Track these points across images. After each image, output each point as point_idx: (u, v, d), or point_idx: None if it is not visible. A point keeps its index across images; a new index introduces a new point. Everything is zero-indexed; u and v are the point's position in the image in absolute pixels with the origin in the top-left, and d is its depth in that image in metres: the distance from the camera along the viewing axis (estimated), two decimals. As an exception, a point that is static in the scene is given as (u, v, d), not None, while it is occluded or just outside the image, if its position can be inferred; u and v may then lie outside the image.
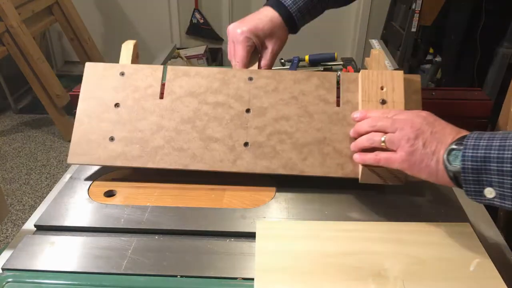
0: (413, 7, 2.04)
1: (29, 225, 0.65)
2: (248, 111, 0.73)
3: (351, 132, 0.68)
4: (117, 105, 0.74)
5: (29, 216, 0.68)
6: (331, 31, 2.99)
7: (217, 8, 3.03)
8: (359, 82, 0.72)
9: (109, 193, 0.71)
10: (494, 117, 0.88)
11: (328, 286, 0.52)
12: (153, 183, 0.72)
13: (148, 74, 0.76)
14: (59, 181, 0.76)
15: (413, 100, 0.72)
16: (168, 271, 0.56)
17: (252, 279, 0.53)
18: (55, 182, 1.51)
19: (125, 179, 0.73)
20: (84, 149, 0.72)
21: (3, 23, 2.20)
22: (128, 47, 0.80)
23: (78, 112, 0.74)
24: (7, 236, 1.85)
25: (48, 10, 2.66)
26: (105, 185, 0.72)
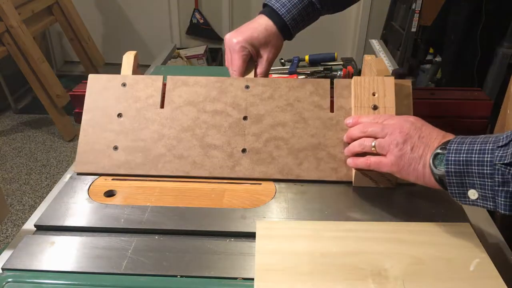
0: (413, 7, 2.04)
1: (29, 225, 0.65)
2: (245, 118, 0.75)
3: (344, 138, 0.71)
4: (119, 115, 0.76)
5: (29, 216, 0.68)
6: (331, 31, 2.99)
7: (217, 8, 3.03)
8: (352, 88, 0.73)
9: (109, 193, 0.71)
10: (494, 117, 0.88)
11: (328, 286, 0.52)
12: (153, 183, 0.73)
13: (149, 84, 0.78)
14: (59, 181, 0.77)
15: (404, 105, 0.74)
16: (168, 271, 0.56)
17: (252, 279, 0.53)
18: (55, 182, 1.51)
19: (125, 179, 0.73)
20: (89, 158, 0.75)
21: (3, 23, 2.20)
22: (129, 58, 0.82)
23: (83, 122, 0.77)
24: (7, 236, 1.86)
25: (48, 10, 2.67)
26: (105, 185, 0.72)
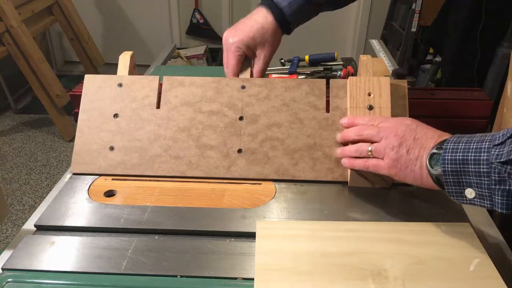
0: (413, 7, 2.04)
1: (29, 225, 0.65)
2: (241, 118, 0.75)
3: (339, 139, 0.71)
4: (116, 115, 0.76)
5: (29, 216, 0.68)
6: (331, 31, 2.99)
7: (217, 8, 3.03)
8: (347, 89, 0.74)
9: (109, 193, 0.71)
10: (494, 117, 0.88)
11: (328, 286, 0.52)
12: (153, 183, 0.73)
13: (145, 84, 0.78)
14: (59, 181, 0.77)
15: (400, 105, 0.74)
16: (168, 271, 0.56)
17: (252, 279, 0.53)
18: (55, 182, 1.51)
19: (125, 179, 0.73)
20: (85, 159, 0.75)
21: (3, 23, 2.20)
22: (125, 58, 0.82)
23: (79, 123, 0.77)
24: (7, 236, 1.86)
25: (48, 10, 2.67)
26: (105, 185, 0.72)
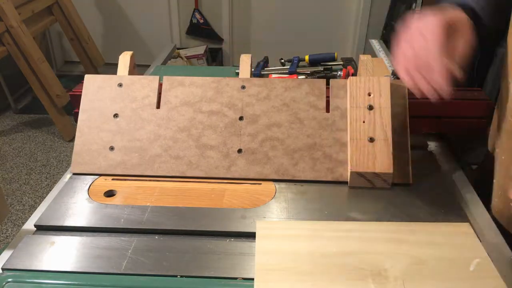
0: (413, 7, 2.04)
1: (29, 225, 0.65)
2: (241, 118, 0.75)
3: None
4: (116, 115, 0.76)
5: (29, 216, 0.68)
6: (331, 31, 2.99)
7: (217, 8, 3.03)
8: (347, 89, 0.74)
9: (109, 193, 0.71)
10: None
11: (328, 286, 0.52)
12: (153, 183, 0.73)
13: (145, 84, 0.78)
14: (59, 181, 0.77)
15: (400, 105, 0.75)
16: (168, 271, 0.56)
17: (252, 279, 0.53)
18: (55, 182, 1.51)
19: (125, 179, 0.73)
20: (85, 158, 0.75)
21: (3, 23, 2.20)
22: (125, 58, 0.82)
23: (79, 123, 0.77)
24: (7, 236, 1.85)
25: (48, 10, 2.67)
26: (105, 185, 0.72)
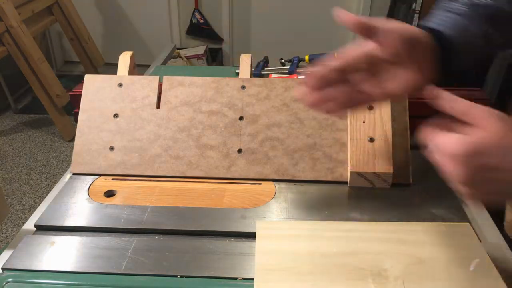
0: (413, 7, 2.04)
1: (29, 225, 0.65)
2: (241, 118, 0.75)
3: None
4: (116, 115, 0.76)
5: (29, 216, 0.68)
6: (331, 31, 2.99)
7: (217, 8, 3.03)
8: None
9: (109, 193, 0.71)
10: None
11: (328, 286, 0.52)
12: (153, 183, 0.73)
13: (145, 84, 0.78)
14: (59, 181, 0.77)
15: (399, 105, 0.74)
16: (168, 271, 0.56)
17: (252, 279, 0.53)
18: (55, 182, 1.51)
19: (125, 179, 0.73)
20: (85, 158, 0.75)
21: (3, 23, 2.20)
22: (125, 58, 0.82)
23: (79, 123, 0.77)
24: (7, 236, 1.85)
25: (48, 10, 2.66)
26: (105, 185, 0.72)
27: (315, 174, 0.72)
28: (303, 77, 0.61)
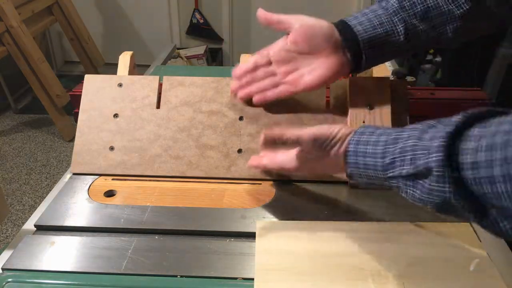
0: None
1: (29, 225, 0.65)
2: (241, 118, 0.75)
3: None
4: (116, 115, 0.76)
5: (29, 216, 0.68)
6: (331, 31, 2.99)
7: (217, 8, 3.03)
8: (347, 89, 0.74)
9: (109, 193, 0.71)
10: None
11: (328, 286, 0.52)
12: (153, 183, 0.73)
13: (145, 84, 0.78)
14: (59, 181, 0.76)
15: (399, 105, 0.74)
16: (168, 271, 0.56)
17: (252, 279, 0.53)
18: (55, 182, 1.51)
19: (125, 179, 0.73)
20: (85, 159, 0.75)
21: (3, 23, 2.20)
22: (125, 58, 0.82)
23: (79, 123, 0.77)
24: (7, 236, 1.85)
25: (48, 10, 2.67)
26: (105, 185, 0.72)
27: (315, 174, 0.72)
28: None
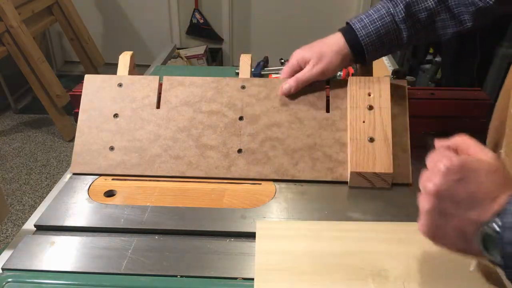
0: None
1: (29, 225, 0.65)
2: (241, 118, 0.75)
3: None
4: (116, 115, 0.76)
5: (29, 216, 0.68)
6: (331, 31, 2.99)
7: (217, 8, 3.03)
8: (347, 89, 0.74)
9: (109, 193, 0.71)
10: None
11: (328, 286, 0.52)
12: (153, 183, 0.73)
13: (145, 84, 0.78)
14: (59, 181, 0.77)
15: (399, 105, 0.74)
16: (168, 271, 0.56)
17: (252, 279, 0.53)
18: (55, 182, 1.51)
19: (125, 179, 0.73)
20: (85, 158, 0.75)
21: (3, 23, 2.20)
22: (125, 58, 0.82)
23: (79, 123, 0.77)
24: (7, 236, 1.85)
25: (48, 10, 2.66)
26: (105, 185, 0.72)
27: (315, 174, 0.72)
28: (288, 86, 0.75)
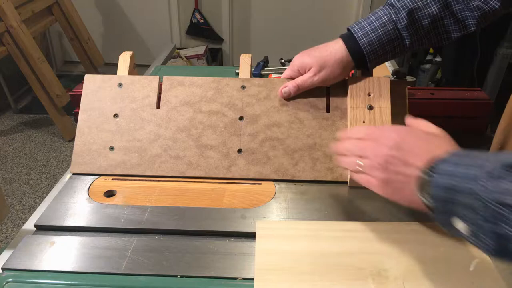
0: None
1: (29, 225, 0.65)
2: (241, 118, 0.75)
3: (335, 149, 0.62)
4: (116, 115, 0.76)
5: (29, 216, 0.68)
6: (331, 31, 2.99)
7: (217, 8, 3.03)
8: (347, 89, 0.74)
9: (109, 193, 0.71)
10: (494, 117, 0.88)
11: (328, 286, 0.52)
12: (153, 183, 0.73)
13: (145, 84, 0.78)
14: (59, 181, 0.77)
15: (399, 105, 0.75)
16: (168, 271, 0.56)
17: (252, 279, 0.53)
18: (55, 182, 1.51)
19: (125, 179, 0.73)
20: (85, 158, 0.75)
21: (3, 23, 2.20)
22: (125, 58, 0.82)
23: (79, 123, 0.77)
24: (7, 236, 1.85)
25: (48, 10, 2.66)
26: (105, 185, 0.72)
27: (315, 174, 0.72)
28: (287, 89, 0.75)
